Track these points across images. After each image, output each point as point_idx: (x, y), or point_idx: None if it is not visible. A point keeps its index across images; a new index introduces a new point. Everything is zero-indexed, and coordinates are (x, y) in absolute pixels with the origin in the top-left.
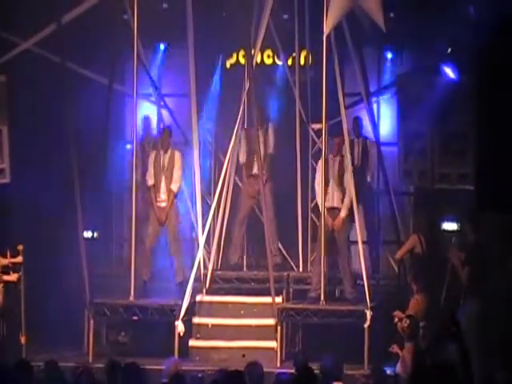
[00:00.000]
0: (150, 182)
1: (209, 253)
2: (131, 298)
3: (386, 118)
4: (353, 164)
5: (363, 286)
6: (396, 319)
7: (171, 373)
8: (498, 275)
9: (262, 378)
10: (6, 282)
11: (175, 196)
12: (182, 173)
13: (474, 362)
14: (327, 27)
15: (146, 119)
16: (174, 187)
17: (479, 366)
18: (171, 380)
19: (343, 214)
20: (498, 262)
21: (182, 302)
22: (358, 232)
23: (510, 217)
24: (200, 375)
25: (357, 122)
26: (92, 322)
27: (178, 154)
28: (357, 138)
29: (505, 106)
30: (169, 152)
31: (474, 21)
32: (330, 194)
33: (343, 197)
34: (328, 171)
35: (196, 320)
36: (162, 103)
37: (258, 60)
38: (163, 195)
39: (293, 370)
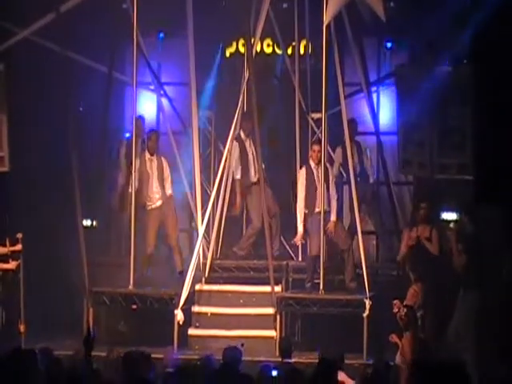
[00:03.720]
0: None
1: (208, 242)
2: (130, 287)
3: (385, 108)
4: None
5: (362, 275)
6: (395, 308)
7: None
8: (495, 266)
9: (240, 363)
10: (5, 271)
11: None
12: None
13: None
14: (327, 17)
15: (140, 119)
16: (170, 191)
17: (477, 358)
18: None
19: (334, 218)
20: (496, 254)
21: (182, 291)
22: (358, 222)
23: (507, 208)
24: (198, 363)
25: (352, 125)
26: (91, 310)
27: (165, 161)
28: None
29: (503, 98)
30: (155, 156)
31: (472, 12)
32: (318, 200)
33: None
34: (313, 179)
35: (195, 309)
36: (162, 92)
37: (258, 49)
38: (156, 194)
39: (290, 360)
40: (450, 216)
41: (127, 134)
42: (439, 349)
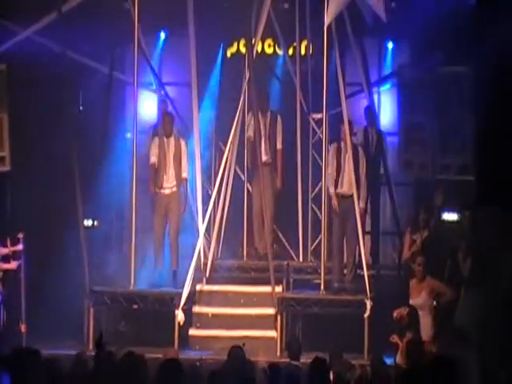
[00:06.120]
0: (152, 160)
1: (209, 242)
2: (131, 287)
3: (386, 108)
4: (368, 153)
5: (363, 276)
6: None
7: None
8: (497, 269)
9: (244, 361)
10: (6, 271)
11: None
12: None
13: (473, 356)
14: (328, 17)
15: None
16: (185, 174)
17: (479, 360)
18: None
19: (362, 205)
20: (498, 256)
21: (182, 291)
22: (359, 222)
23: (509, 211)
24: (198, 364)
25: (370, 111)
26: (92, 310)
27: (183, 142)
28: (370, 128)
29: (505, 98)
30: (172, 138)
31: (474, 12)
32: (343, 181)
33: (355, 184)
34: (340, 159)
35: (196, 309)
36: (163, 92)
37: (259, 49)
38: (169, 182)
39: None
40: (451, 217)
41: (128, 135)
42: (440, 347)
